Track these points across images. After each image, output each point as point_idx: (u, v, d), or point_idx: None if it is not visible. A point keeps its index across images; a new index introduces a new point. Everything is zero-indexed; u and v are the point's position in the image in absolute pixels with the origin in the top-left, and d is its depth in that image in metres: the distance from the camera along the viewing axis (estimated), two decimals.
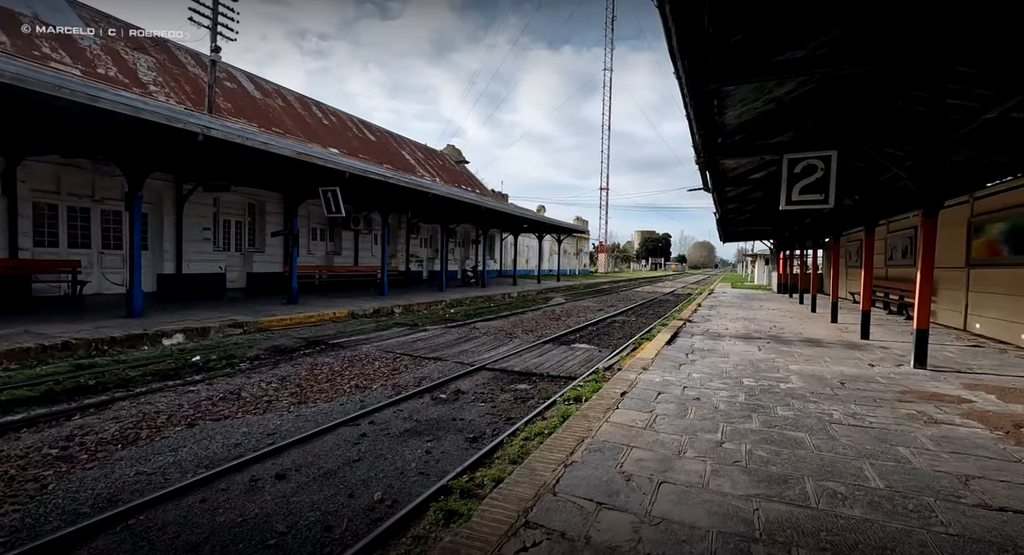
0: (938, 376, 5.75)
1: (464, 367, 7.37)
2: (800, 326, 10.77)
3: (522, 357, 8.23)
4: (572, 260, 52.78)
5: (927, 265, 6.21)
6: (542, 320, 13.68)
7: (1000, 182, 9.34)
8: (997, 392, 4.94)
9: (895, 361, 6.78)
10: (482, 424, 4.99)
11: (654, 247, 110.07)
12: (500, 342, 9.66)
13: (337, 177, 12.04)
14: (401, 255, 24.46)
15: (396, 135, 30.88)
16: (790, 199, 6.92)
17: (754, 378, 5.53)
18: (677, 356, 6.90)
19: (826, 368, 6.22)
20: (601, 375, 6.74)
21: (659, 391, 4.88)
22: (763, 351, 7.46)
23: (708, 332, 9.64)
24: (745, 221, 18.79)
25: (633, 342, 9.83)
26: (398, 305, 13.92)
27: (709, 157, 7.16)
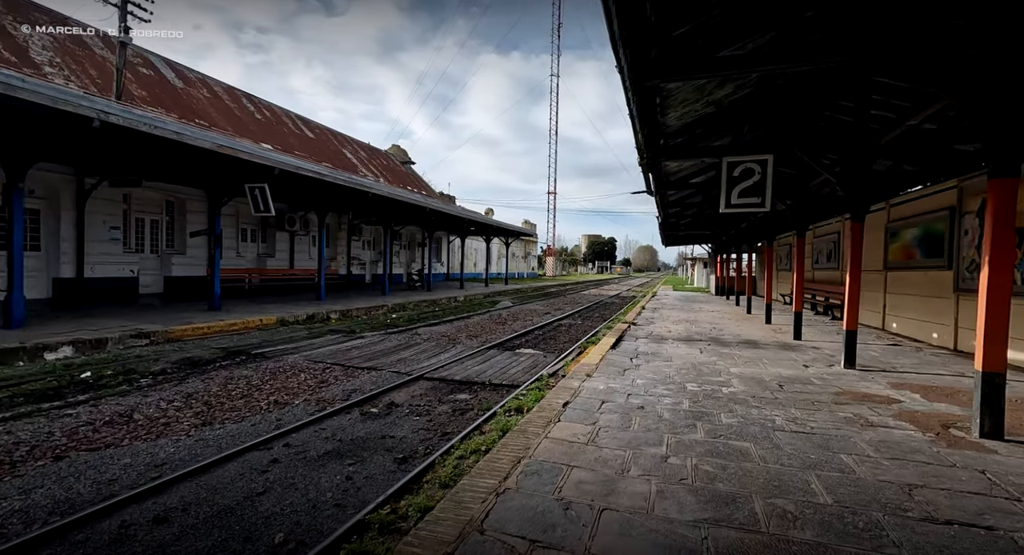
0: (867, 376, 5.91)
1: (401, 377, 6.88)
2: (738, 328, 11.06)
3: (464, 364, 7.82)
4: (520, 263, 52.86)
5: (855, 268, 6.41)
6: (488, 324, 13.32)
7: (913, 190, 10.00)
8: (921, 391, 5.09)
9: (826, 361, 6.97)
10: (415, 441, 4.55)
11: (600, 251, 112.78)
12: (442, 349, 9.20)
13: (265, 173, 11.13)
14: (342, 258, 23.32)
15: (338, 133, 29.57)
16: (729, 202, 6.97)
17: (697, 383, 5.43)
18: (622, 361, 6.75)
19: (764, 370, 6.27)
20: (545, 382, 6.46)
21: (603, 400, 4.64)
22: (705, 354, 7.48)
23: (652, 335, 9.65)
24: (686, 225, 19.35)
25: (579, 346, 9.67)
26: (335, 310, 13.10)
27: (652, 159, 7.09)
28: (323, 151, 24.82)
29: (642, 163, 7.35)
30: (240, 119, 20.03)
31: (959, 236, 8.12)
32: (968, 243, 7.86)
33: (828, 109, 7.57)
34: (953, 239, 8.31)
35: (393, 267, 27.49)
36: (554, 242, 62.60)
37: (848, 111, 7.35)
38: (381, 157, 33.16)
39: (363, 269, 24.92)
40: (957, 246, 8.18)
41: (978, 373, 3.59)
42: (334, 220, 22.62)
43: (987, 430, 3.53)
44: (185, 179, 13.27)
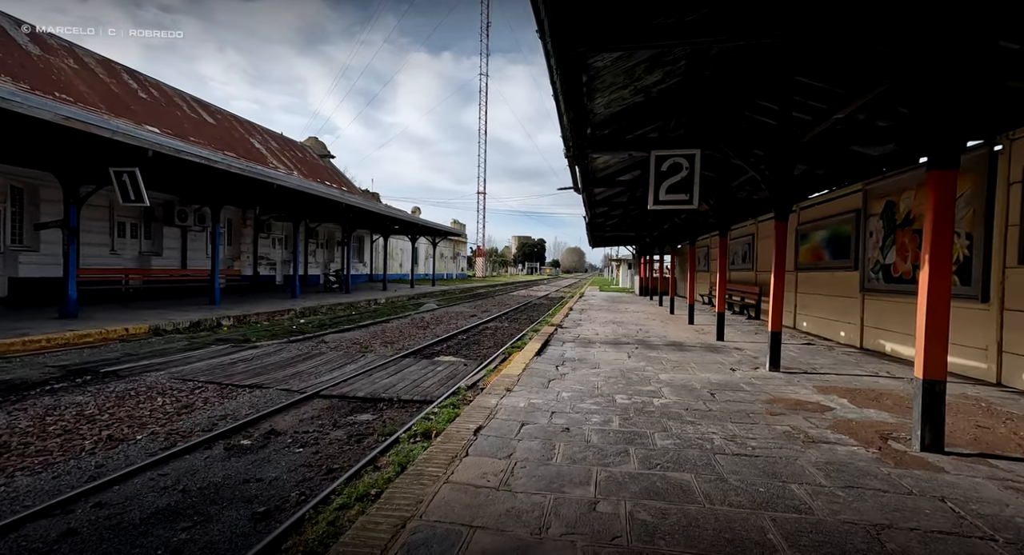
0: (792, 379, 5.76)
1: (291, 395, 5.80)
2: (663, 329, 10.97)
3: (372, 377, 6.86)
4: (449, 264, 51.69)
5: (779, 268, 6.29)
6: (407, 329, 12.31)
7: (820, 194, 10.43)
8: (847, 395, 4.94)
9: (751, 363, 6.83)
10: (288, 485, 3.60)
11: (530, 252, 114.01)
12: (350, 358, 8.13)
13: (135, 155, 9.37)
14: (248, 257, 21.04)
15: (244, 120, 26.85)
16: (658, 198, 6.62)
17: (627, 394, 4.93)
18: (547, 370, 6.15)
19: (694, 375, 5.94)
20: (462, 397, 5.70)
21: (523, 422, 3.96)
22: (633, 358, 7.09)
23: (579, 338, 9.21)
24: (613, 226, 19.48)
25: (503, 352, 9.02)
26: (230, 316, 11.45)
27: (579, 150, 6.59)
28: (225, 139, 22.31)
29: (568, 155, 6.82)
30: (118, 96, 17.32)
31: (864, 238, 8.43)
32: (873, 245, 8.16)
33: (750, 109, 7.52)
34: (859, 241, 8.63)
35: (309, 268, 25.41)
36: (484, 243, 62.01)
37: (770, 113, 7.31)
38: (296, 149, 30.67)
39: (273, 270, 22.71)
40: (863, 248, 8.50)
41: (918, 381, 3.33)
42: (237, 215, 20.34)
43: (928, 442, 3.27)
44: (32, 161, 10.98)
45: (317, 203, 16.58)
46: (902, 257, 7.33)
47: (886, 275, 7.73)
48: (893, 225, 7.58)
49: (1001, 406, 4.51)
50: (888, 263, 7.68)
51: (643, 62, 5.18)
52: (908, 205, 7.20)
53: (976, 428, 3.79)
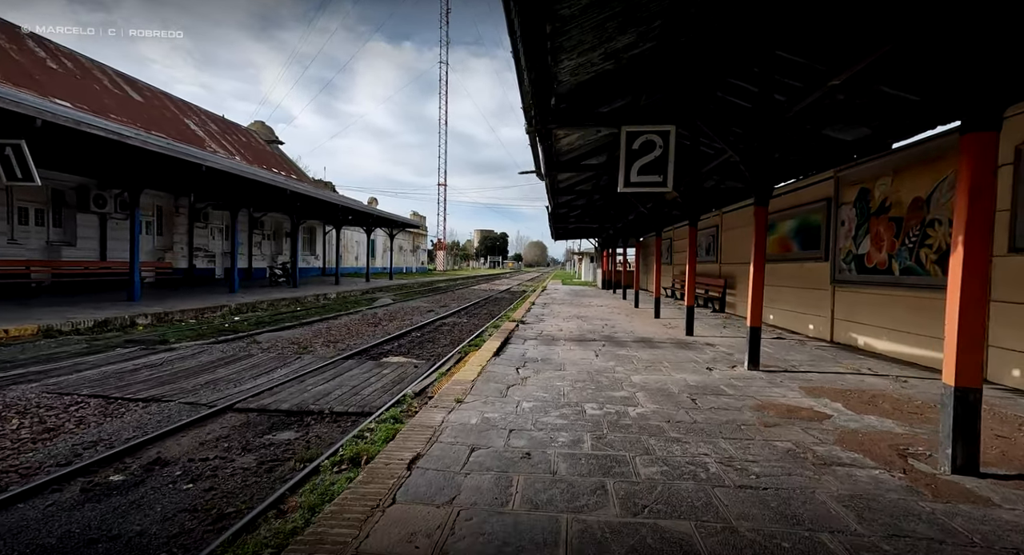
0: (774, 379, 5.24)
1: (197, 410, 4.80)
2: (630, 323, 10.44)
3: (305, 383, 5.90)
4: (409, 257, 50.14)
5: (759, 258, 5.76)
6: (357, 326, 11.27)
7: (789, 182, 10.14)
8: (839, 398, 4.43)
9: (727, 361, 6.31)
10: (155, 543, 2.69)
11: (492, 246, 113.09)
12: (283, 361, 7.10)
13: (20, 125, 7.90)
14: (182, 248, 19.21)
15: (179, 100, 24.59)
16: (629, 180, 5.96)
17: (597, 402, 4.23)
18: (506, 373, 5.39)
19: (669, 377, 5.33)
20: (407, 407, 4.87)
21: (472, 446, 3.17)
22: (601, 357, 6.43)
23: (542, 335, 8.50)
24: (576, 217, 18.93)
25: (460, 350, 8.20)
26: (148, 314, 10.06)
27: (542, 123, 5.82)
28: (154, 119, 20.24)
29: (530, 129, 6.04)
30: (18, 64, 15.18)
31: (835, 227, 8.11)
32: (845, 234, 7.84)
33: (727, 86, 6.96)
34: (829, 230, 8.31)
35: (254, 261, 23.64)
36: (445, 236, 60.64)
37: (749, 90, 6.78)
38: (239, 133, 28.50)
39: (212, 262, 20.90)
40: (834, 237, 8.18)
41: (948, 389, 2.76)
42: (168, 202, 18.48)
43: (960, 463, 2.72)
44: None
45: (257, 189, 15.12)
46: (877, 247, 7.00)
47: (859, 266, 7.41)
48: (867, 213, 7.24)
49: (1005, 408, 4.10)
50: (861, 253, 7.36)
51: (615, 17, 4.45)
52: (884, 192, 6.86)
53: (996, 439, 3.31)
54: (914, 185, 6.28)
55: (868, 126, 7.02)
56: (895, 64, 5.06)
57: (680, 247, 18.16)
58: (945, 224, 5.75)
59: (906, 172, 6.45)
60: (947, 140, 5.76)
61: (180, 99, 24.60)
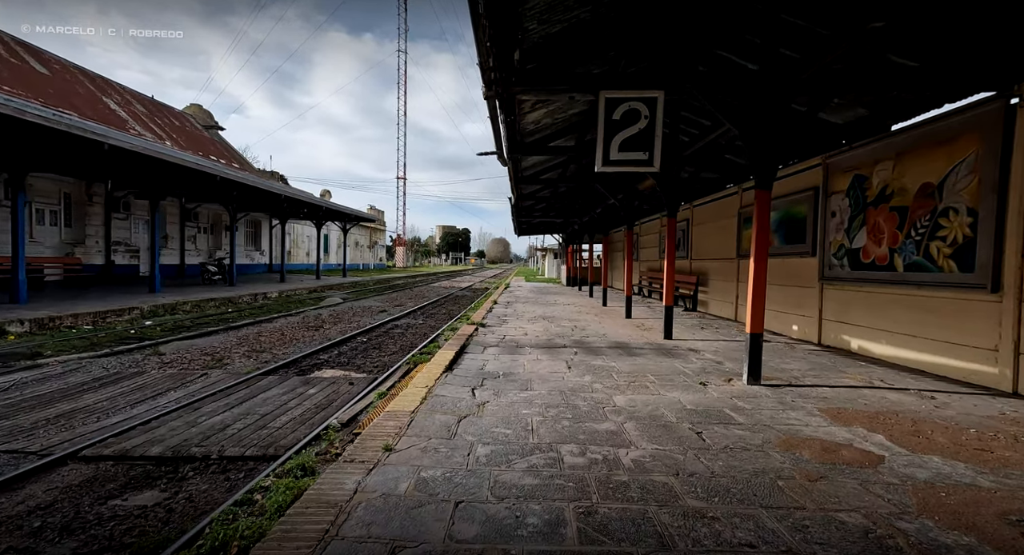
0: (783, 397, 4.35)
1: (17, 463, 3.43)
2: (600, 324, 9.51)
3: (200, 412, 4.57)
4: (366, 254, 47.94)
5: (761, 251, 4.86)
6: (293, 331, 9.84)
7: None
8: (877, 427, 3.57)
9: (719, 372, 5.42)
10: None
11: (455, 242, 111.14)
12: (181, 381, 5.70)
13: None
14: (97, 242, 16.93)
15: (97, 76, 21.90)
16: (608, 157, 4.94)
17: (578, 443, 3.18)
18: (457, 398, 4.26)
19: (659, 396, 4.35)
20: (327, 446, 3.68)
21: (394, 540, 2.03)
22: (574, 370, 5.41)
23: (505, 341, 7.41)
24: (542, 211, 17.94)
25: (408, 360, 7.01)
26: (26, 320, 8.28)
27: (504, 86, 4.71)
28: (64, 94, 17.76)
29: (489, 94, 4.91)
30: None
31: (825, 219, 7.42)
32: (835, 227, 7.14)
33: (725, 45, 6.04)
34: (817, 223, 7.62)
35: (188, 256, 21.42)
36: (404, 231, 58.53)
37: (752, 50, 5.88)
38: (171, 116, 25.87)
39: (135, 258, 18.64)
40: (822, 231, 7.49)
41: None
42: (78, 189, 16.19)
43: None
44: None
45: (183, 175, 13.25)
46: (875, 240, 6.29)
47: (853, 261, 6.71)
48: (863, 203, 6.54)
49: None
50: (856, 247, 6.66)
51: None
52: (885, 178, 6.15)
53: None
54: (923, 169, 5.57)
55: (865, 106, 6.30)
56: (915, 20, 4.25)
57: (647, 243, 17.50)
58: (963, 213, 5.03)
59: (913, 155, 5.74)
60: (967, 117, 5.04)
61: (100, 76, 21.92)
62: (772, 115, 4.56)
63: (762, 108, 4.58)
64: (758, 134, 4.65)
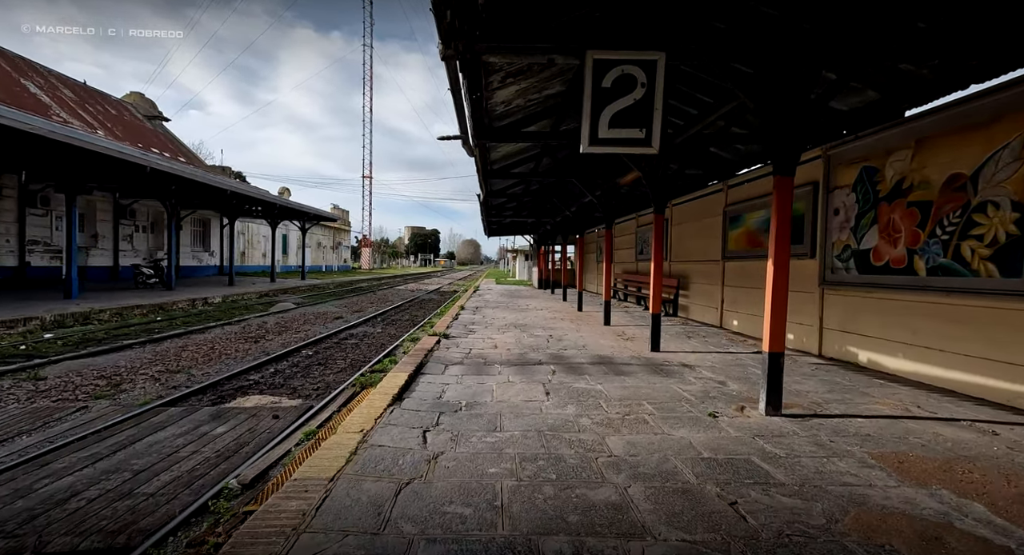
0: (816, 435, 3.48)
1: None
2: (578, 333, 8.57)
3: (49, 467, 3.35)
4: (329, 255, 45.83)
5: (781, 251, 3.98)
6: (227, 343, 8.50)
7: (756, 167, 8.76)
8: (968, 489, 2.72)
9: (725, 396, 4.53)
10: None
11: (423, 243, 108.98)
12: (44, 420, 4.41)
13: None
14: (6, 241, 14.92)
15: (13, 55, 19.60)
16: (596, 135, 3.97)
17: (568, 533, 2.18)
18: (400, 449, 3.19)
19: (664, 437, 3.40)
20: (209, 528, 2.56)
21: None
22: (554, 397, 4.41)
23: (470, 357, 6.36)
24: (513, 210, 16.95)
25: (356, 381, 5.88)
26: None
27: (467, 41, 3.68)
28: None
29: (448, 53, 3.87)
30: None
31: (826, 217, 6.70)
32: (839, 226, 6.42)
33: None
34: (816, 221, 6.90)
35: (123, 257, 19.41)
36: (370, 231, 56.48)
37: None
38: (106, 104, 23.61)
39: (56, 259, 16.61)
40: (823, 230, 6.77)
41: None
42: None
43: None
44: None
45: (105, 166, 11.60)
46: (889, 240, 5.57)
47: (862, 264, 5.98)
48: (874, 198, 5.82)
49: None
50: (865, 249, 5.93)
51: None
52: (901, 170, 5.43)
53: None
54: (951, 158, 4.84)
55: (877, 88, 5.56)
56: None
57: (622, 244, 16.76)
58: (1006, 208, 4.30)
59: (937, 142, 5.02)
60: (1011, 95, 4.33)
61: (16, 54, 19.61)
62: (793, 83, 3.68)
63: (791, 74, 3.70)
64: (781, 108, 3.76)
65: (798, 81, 3.73)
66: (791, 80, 3.75)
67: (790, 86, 3.75)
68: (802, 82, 3.73)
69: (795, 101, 3.76)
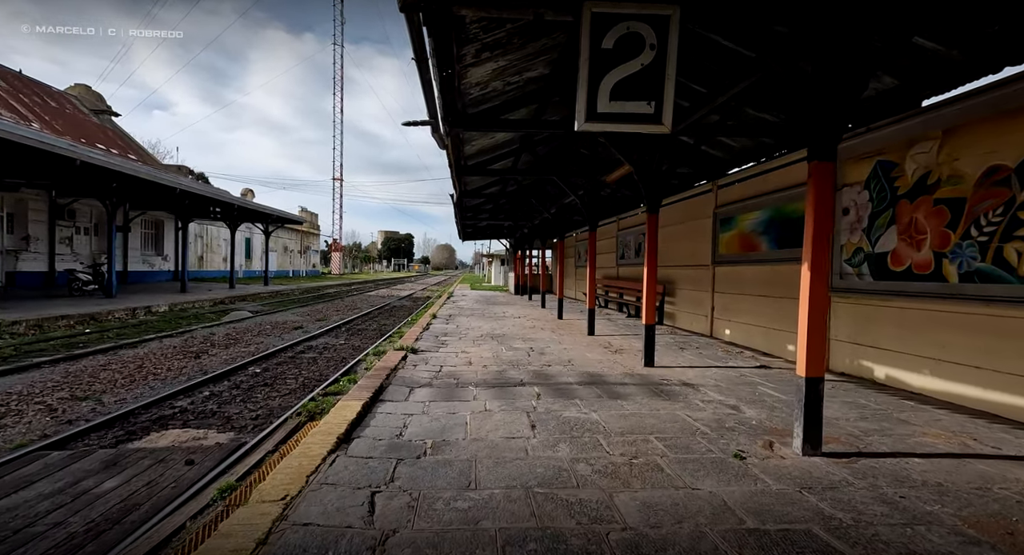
0: (879, 488, 2.77)
1: None
2: (561, 345, 7.79)
3: None
4: (297, 260, 43.98)
5: (819, 253, 3.28)
6: (159, 360, 7.36)
7: (748, 166, 8.20)
8: None
9: (746, 429, 3.80)
10: None
11: (397, 248, 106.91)
12: None
13: None
14: None
15: None
16: (595, 109, 3.19)
17: None
18: (338, 518, 2.34)
19: (689, 494, 2.63)
20: None
21: None
22: (542, 432, 3.59)
23: (441, 376, 5.48)
24: (489, 212, 16.12)
25: (302, 409, 4.92)
26: None
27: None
28: None
29: (408, 0, 3.02)
30: None
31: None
32: (850, 227, 5.83)
33: None
34: None
35: (61, 261, 17.70)
36: (341, 235, 54.70)
37: None
38: (45, 95, 21.74)
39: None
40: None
41: None
42: None
43: None
44: None
45: (25, 158, 10.23)
46: (912, 242, 4.98)
47: (877, 269, 5.39)
48: (891, 196, 5.24)
49: None
50: (882, 251, 5.34)
51: None
52: (925, 164, 4.85)
53: None
54: (990, 149, 4.27)
55: (896, 73, 4.98)
56: None
57: (602, 248, 16.12)
58: None
59: (970, 131, 4.45)
60: None
61: None
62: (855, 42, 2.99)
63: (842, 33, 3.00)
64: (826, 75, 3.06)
65: (850, 41, 3.04)
66: (841, 40, 3.05)
67: (839, 48, 3.05)
68: (854, 42, 3.04)
69: (843, 66, 3.06)
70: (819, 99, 3.16)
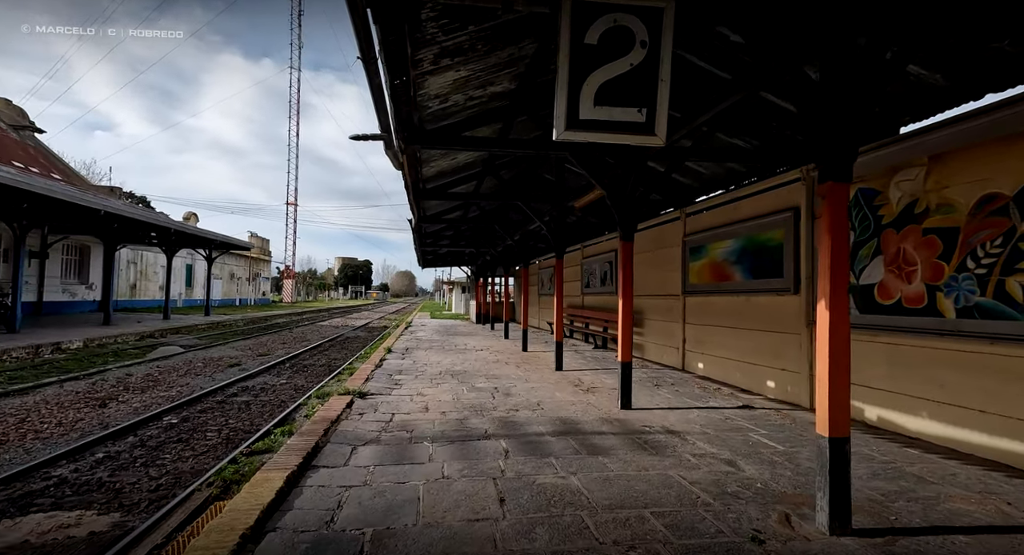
0: None
1: None
2: (528, 383, 7.10)
3: None
4: (245, 287, 41.48)
5: (838, 282, 2.81)
6: (51, 411, 6.14)
7: (716, 194, 7.99)
8: None
9: (749, 491, 3.23)
10: None
11: (355, 274, 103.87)
12: None
13: None
14: None
15: None
16: (577, 115, 2.66)
17: None
18: None
19: None
20: None
21: None
22: (512, 510, 2.89)
23: (391, 428, 4.67)
24: (450, 238, 15.44)
25: (216, 475, 3.99)
26: None
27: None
28: None
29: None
30: None
31: (812, 248, 5.85)
32: None
33: None
34: (799, 253, 6.05)
35: None
36: (295, 261, 52.37)
37: None
38: None
39: None
40: (808, 262, 5.91)
41: None
42: None
43: None
44: None
45: None
46: (900, 274, 4.70)
47: (864, 302, 5.08)
48: (876, 225, 4.99)
49: None
50: (868, 284, 5.05)
51: None
52: (911, 191, 4.62)
53: None
54: (983, 176, 4.04)
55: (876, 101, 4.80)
56: None
57: (568, 276, 15.70)
58: None
59: (960, 158, 4.23)
60: None
61: None
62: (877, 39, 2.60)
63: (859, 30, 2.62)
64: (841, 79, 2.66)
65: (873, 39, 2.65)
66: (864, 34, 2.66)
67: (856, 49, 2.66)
68: (876, 39, 2.66)
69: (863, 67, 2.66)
70: (832, 109, 2.75)
